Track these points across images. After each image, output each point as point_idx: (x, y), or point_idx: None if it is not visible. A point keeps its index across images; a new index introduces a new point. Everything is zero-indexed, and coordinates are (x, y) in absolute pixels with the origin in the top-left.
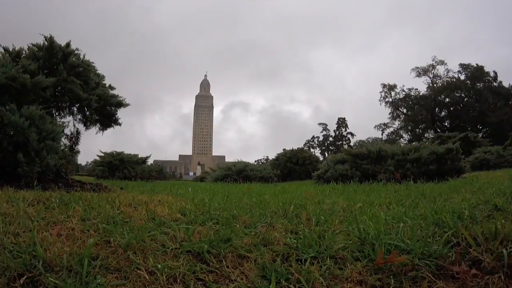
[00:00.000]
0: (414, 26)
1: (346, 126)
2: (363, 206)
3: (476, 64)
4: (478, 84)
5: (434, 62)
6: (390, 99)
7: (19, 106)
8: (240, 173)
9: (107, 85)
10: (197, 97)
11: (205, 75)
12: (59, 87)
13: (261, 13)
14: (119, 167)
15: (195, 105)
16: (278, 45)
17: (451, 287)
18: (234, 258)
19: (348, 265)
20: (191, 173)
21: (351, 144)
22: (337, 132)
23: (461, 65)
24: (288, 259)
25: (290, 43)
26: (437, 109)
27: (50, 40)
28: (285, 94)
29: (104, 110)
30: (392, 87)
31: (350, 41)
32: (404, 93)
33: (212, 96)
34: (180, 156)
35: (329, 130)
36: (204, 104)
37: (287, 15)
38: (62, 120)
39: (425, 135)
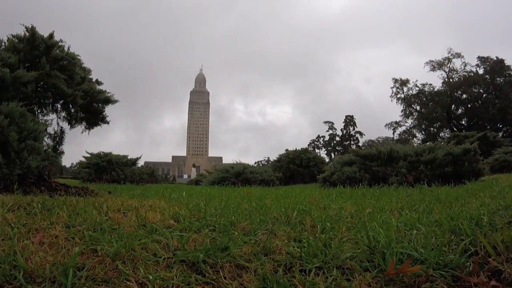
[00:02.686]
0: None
1: (354, 124)
2: (373, 211)
3: (496, 57)
4: (498, 78)
5: (450, 55)
6: (402, 95)
7: None
8: (238, 175)
9: (93, 80)
10: (191, 93)
11: (201, 69)
12: (42, 82)
13: (272, 29)
14: (107, 169)
15: (189, 102)
16: (292, 54)
17: None
18: (232, 268)
19: (356, 276)
20: (185, 176)
21: (360, 144)
22: (344, 131)
23: (480, 58)
24: (291, 269)
25: (305, 52)
26: (453, 106)
27: (32, 30)
28: (308, 95)
29: (90, 107)
30: (404, 82)
31: (365, 43)
32: (417, 88)
33: (208, 92)
34: (173, 157)
35: (335, 129)
36: (199, 100)
37: (295, 29)
38: (45, 118)
39: (440, 134)
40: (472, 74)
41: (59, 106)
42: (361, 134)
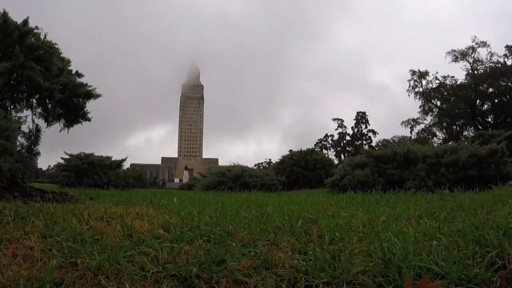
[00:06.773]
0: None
1: (367, 122)
2: (388, 220)
3: None
4: None
5: (474, 44)
6: (421, 89)
7: None
8: (236, 179)
9: (73, 72)
10: (183, 86)
11: (194, 61)
12: (15, 74)
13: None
14: (89, 172)
15: (181, 96)
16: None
17: None
18: (229, 283)
19: None
20: (176, 180)
21: (373, 144)
22: (355, 130)
23: (508, 47)
24: (295, 285)
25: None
26: (478, 101)
27: (4, 16)
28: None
29: (70, 102)
30: (423, 74)
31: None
32: (437, 81)
33: (203, 86)
34: (163, 159)
35: (346, 127)
36: (192, 95)
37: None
38: (19, 114)
39: (464, 133)
40: (499, 65)
41: (34, 101)
42: (374, 132)
